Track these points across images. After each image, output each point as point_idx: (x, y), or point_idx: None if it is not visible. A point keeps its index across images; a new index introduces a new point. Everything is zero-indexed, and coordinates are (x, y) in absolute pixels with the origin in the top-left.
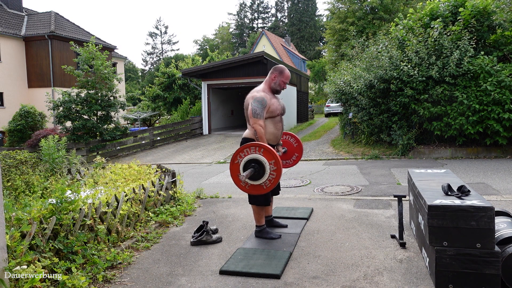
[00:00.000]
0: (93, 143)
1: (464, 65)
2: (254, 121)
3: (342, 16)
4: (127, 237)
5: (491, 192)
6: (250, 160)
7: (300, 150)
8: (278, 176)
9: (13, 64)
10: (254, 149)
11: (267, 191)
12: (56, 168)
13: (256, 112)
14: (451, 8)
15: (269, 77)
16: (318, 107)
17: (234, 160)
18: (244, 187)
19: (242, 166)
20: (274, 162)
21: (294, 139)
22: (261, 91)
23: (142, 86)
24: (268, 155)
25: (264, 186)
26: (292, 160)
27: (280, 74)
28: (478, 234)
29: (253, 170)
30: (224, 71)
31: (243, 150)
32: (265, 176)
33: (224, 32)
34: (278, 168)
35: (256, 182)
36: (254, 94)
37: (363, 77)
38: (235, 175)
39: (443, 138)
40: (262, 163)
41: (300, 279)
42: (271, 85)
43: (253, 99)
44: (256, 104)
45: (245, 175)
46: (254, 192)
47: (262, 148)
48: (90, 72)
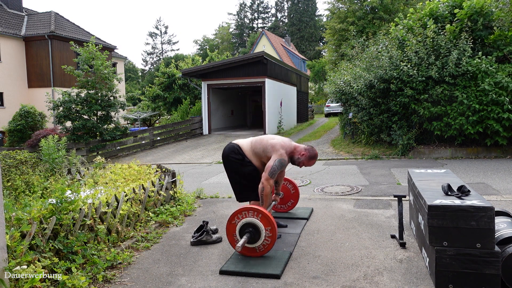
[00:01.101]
0: (93, 143)
1: (463, 65)
2: (267, 179)
3: (342, 16)
4: (127, 237)
5: (491, 192)
6: (247, 224)
7: (296, 197)
8: (272, 242)
9: (13, 64)
10: (252, 213)
11: (259, 255)
12: (56, 168)
13: (274, 172)
14: (450, 8)
15: (300, 149)
16: (318, 107)
17: (231, 221)
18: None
19: (239, 228)
20: (270, 229)
21: (292, 185)
22: (287, 154)
23: (142, 86)
24: (265, 221)
25: (257, 250)
26: (287, 206)
27: (308, 159)
28: (478, 234)
29: (249, 236)
30: (224, 71)
31: (241, 212)
32: (259, 241)
33: (224, 32)
34: (273, 235)
35: (251, 245)
36: (283, 152)
37: (363, 77)
38: (230, 235)
39: (443, 138)
40: (258, 229)
41: (300, 279)
42: (295, 156)
43: (279, 159)
44: (278, 165)
45: (241, 245)
46: (245, 253)
47: (260, 213)
48: (90, 72)
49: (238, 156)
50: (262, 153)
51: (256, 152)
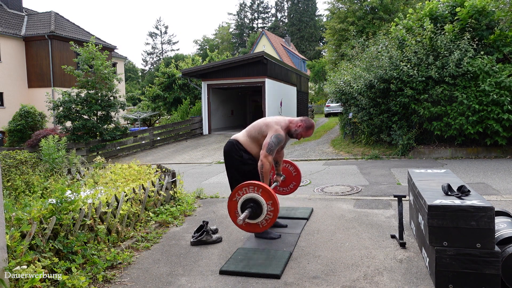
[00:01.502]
0: (93, 143)
1: (463, 65)
2: (266, 156)
3: (342, 16)
4: (127, 237)
5: (491, 192)
6: (248, 200)
7: (298, 179)
8: (275, 216)
9: (13, 64)
10: (253, 188)
11: (262, 230)
12: (56, 168)
13: (271, 148)
14: (450, 8)
15: (296, 121)
16: (318, 107)
17: (232, 198)
18: (240, 225)
19: (240, 205)
20: (272, 203)
21: (293, 167)
22: (283, 129)
23: (142, 86)
24: (266, 195)
25: (260, 225)
26: (289, 188)
27: (305, 129)
28: (478, 234)
29: (251, 211)
30: (224, 71)
31: (242, 189)
32: (261, 216)
33: (224, 32)
34: (275, 209)
35: (253, 221)
36: (278, 127)
37: (363, 77)
38: (232, 212)
39: (443, 138)
40: (260, 204)
41: (300, 279)
42: (292, 128)
43: (275, 134)
44: (274, 141)
45: (243, 218)
46: (250, 230)
47: (261, 188)
48: (90, 72)
49: (238, 153)
50: (258, 135)
51: (253, 137)
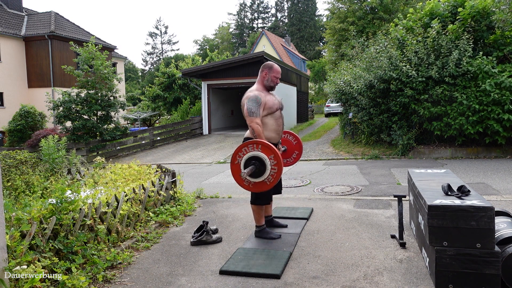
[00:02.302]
0: (93, 143)
1: (463, 65)
2: (251, 120)
3: (342, 16)
4: (127, 237)
5: (491, 192)
6: (250, 158)
7: (299, 148)
8: (279, 170)
9: (13, 64)
10: (252, 146)
11: (271, 187)
12: (56, 168)
13: (252, 110)
14: (451, 8)
15: (260, 75)
16: (318, 107)
17: (234, 161)
18: (248, 186)
19: (243, 165)
20: (274, 156)
21: (293, 137)
22: (254, 90)
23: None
24: (266, 150)
25: (267, 182)
26: (292, 158)
27: (270, 70)
28: (478, 234)
29: (254, 167)
30: (224, 71)
31: (241, 150)
32: (266, 171)
33: (224, 32)
34: (278, 162)
35: (259, 179)
36: (248, 94)
37: (363, 77)
38: (237, 175)
39: (443, 138)
40: (262, 159)
41: (300, 279)
42: (263, 82)
43: (248, 99)
44: (250, 104)
45: (246, 172)
46: (259, 189)
47: (260, 144)
48: (90, 72)
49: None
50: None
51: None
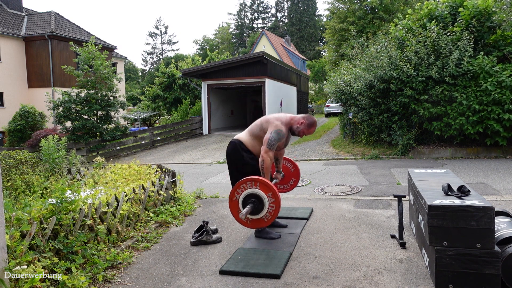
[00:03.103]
0: (93, 143)
1: (463, 65)
2: (266, 151)
3: (342, 16)
4: (127, 237)
5: (491, 192)
6: (248, 196)
7: (297, 175)
8: (277, 207)
9: (13, 64)
10: (250, 184)
11: (269, 223)
12: (56, 168)
13: (272, 144)
14: (450, 9)
15: (298, 119)
16: (318, 107)
17: (232, 197)
18: (245, 222)
19: (241, 202)
20: (272, 194)
21: (291, 164)
22: (284, 125)
23: (142, 86)
24: (265, 188)
25: (265, 219)
26: (289, 185)
27: (307, 126)
28: (478, 234)
29: (252, 206)
30: (224, 71)
31: (240, 186)
32: (264, 209)
33: (224, 32)
34: (276, 200)
35: (257, 216)
36: (278, 123)
37: (363, 77)
38: (235, 212)
39: (443, 138)
40: (260, 198)
41: (300, 279)
42: (294, 126)
43: (275, 130)
44: (275, 136)
45: (245, 213)
46: (256, 226)
47: (258, 182)
48: (90, 72)
49: (241, 154)
50: (260, 131)
51: (255, 135)
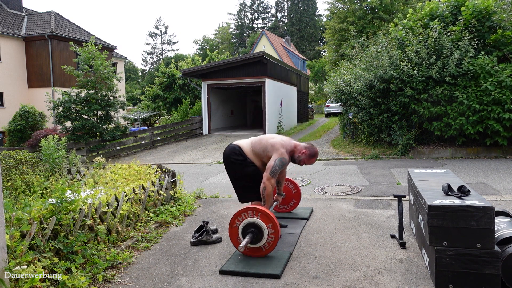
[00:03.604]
0: (93, 143)
1: (464, 65)
2: (269, 178)
3: (342, 16)
4: (127, 237)
5: (491, 192)
6: (248, 225)
7: (298, 197)
8: (276, 238)
9: (13, 64)
10: (251, 213)
11: (266, 254)
12: (56, 168)
13: (275, 171)
14: (451, 9)
15: (301, 148)
16: (318, 107)
17: (233, 224)
18: (244, 250)
19: (241, 231)
20: (272, 225)
21: (293, 185)
22: (288, 153)
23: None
24: (265, 218)
25: (263, 249)
26: (289, 206)
27: (308, 157)
28: (478, 234)
29: (252, 236)
30: (224, 71)
31: (241, 214)
32: (263, 239)
33: (224, 32)
34: (276, 231)
35: (256, 245)
36: (283, 151)
37: (363, 77)
38: (234, 239)
39: (443, 138)
40: (260, 228)
41: (300, 279)
42: (296, 154)
43: (280, 158)
44: (278, 164)
45: (244, 245)
46: (254, 254)
47: (259, 212)
48: (90, 72)
49: (239, 157)
50: (263, 153)
51: (256, 153)
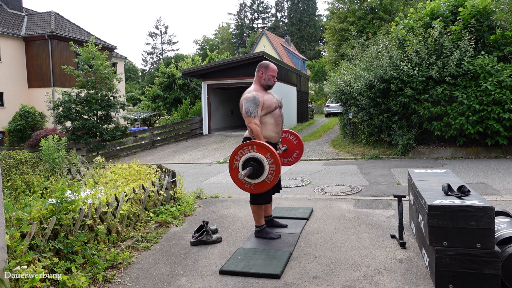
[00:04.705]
0: (93, 143)
1: (464, 65)
2: (249, 121)
3: (342, 16)
4: (127, 237)
5: (491, 192)
6: (247, 160)
7: (300, 147)
8: (278, 168)
9: (13, 64)
10: (247, 148)
11: (272, 185)
12: (56, 168)
13: (250, 111)
14: (452, 8)
15: (257, 75)
16: (318, 107)
17: (232, 165)
18: (249, 188)
19: (241, 168)
20: (270, 154)
21: (293, 136)
22: (252, 91)
23: (142, 86)
24: (262, 150)
25: (268, 181)
26: (293, 158)
27: (266, 69)
28: (478, 234)
29: (252, 168)
30: (224, 71)
31: (237, 153)
32: (265, 171)
33: (224, 32)
34: (275, 160)
35: (259, 179)
36: (245, 95)
37: (363, 77)
38: (237, 179)
39: (443, 138)
40: (259, 160)
41: (300, 279)
42: (261, 82)
43: (245, 100)
44: (248, 104)
45: (244, 173)
46: (261, 190)
47: (254, 144)
48: (90, 72)
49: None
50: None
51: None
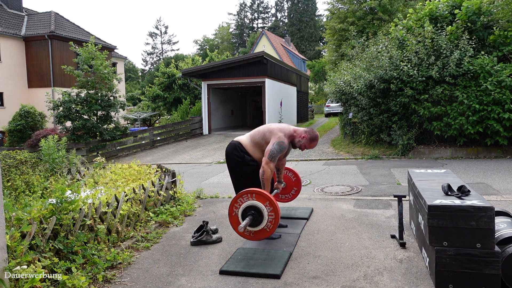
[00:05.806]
0: (93, 143)
1: (464, 65)
2: (267, 162)
3: (342, 16)
4: (127, 237)
5: (491, 192)
6: (246, 209)
7: (298, 185)
8: (277, 215)
9: (13, 64)
10: (246, 196)
11: (271, 233)
12: (56, 168)
13: (274, 155)
14: (450, 9)
15: (300, 132)
16: (318, 107)
17: (231, 213)
18: (249, 236)
19: (241, 216)
20: (269, 203)
21: (292, 173)
22: (286, 137)
23: (142, 86)
24: (261, 198)
25: (267, 229)
26: (290, 195)
27: (309, 141)
28: (478, 234)
29: (251, 218)
30: (224, 71)
31: (237, 201)
32: (264, 219)
33: (224, 32)
34: (274, 208)
35: (259, 227)
36: (281, 135)
37: (363, 77)
38: (236, 228)
39: (443, 138)
40: (258, 208)
41: (300, 279)
42: (296, 139)
43: (278, 141)
44: (277, 148)
45: (243, 225)
46: (260, 237)
47: (253, 193)
48: (90, 72)
49: (240, 154)
50: (262, 140)
51: (256, 142)
